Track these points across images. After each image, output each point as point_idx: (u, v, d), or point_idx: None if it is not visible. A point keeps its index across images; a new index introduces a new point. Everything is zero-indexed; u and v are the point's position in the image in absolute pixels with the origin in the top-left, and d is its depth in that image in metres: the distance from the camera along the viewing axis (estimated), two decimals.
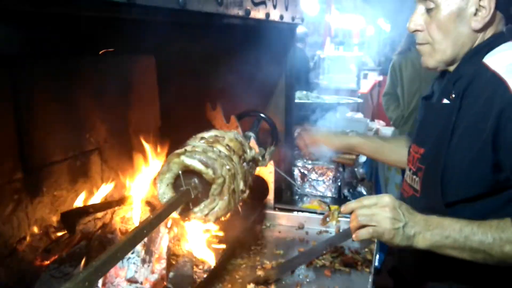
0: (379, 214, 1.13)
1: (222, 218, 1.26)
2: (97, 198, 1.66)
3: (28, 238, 1.45)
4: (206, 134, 1.31)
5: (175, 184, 1.21)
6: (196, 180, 1.21)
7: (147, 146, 1.76)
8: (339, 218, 1.32)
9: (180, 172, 1.16)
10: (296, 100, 2.84)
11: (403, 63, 3.49)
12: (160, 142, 1.85)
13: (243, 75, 1.88)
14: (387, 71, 3.74)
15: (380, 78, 7.27)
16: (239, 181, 1.28)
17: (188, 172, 1.18)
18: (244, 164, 1.35)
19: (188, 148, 1.19)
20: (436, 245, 1.11)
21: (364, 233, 1.15)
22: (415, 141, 1.40)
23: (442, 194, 1.20)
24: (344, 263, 1.57)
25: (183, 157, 1.16)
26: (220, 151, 1.23)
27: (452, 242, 1.10)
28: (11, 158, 1.37)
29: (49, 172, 1.55)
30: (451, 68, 1.30)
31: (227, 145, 1.29)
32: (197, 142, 1.24)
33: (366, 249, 1.69)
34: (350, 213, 1.19)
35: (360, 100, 3.55)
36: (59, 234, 1.50)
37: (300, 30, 3.41)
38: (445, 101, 1.28)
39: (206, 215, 1.22)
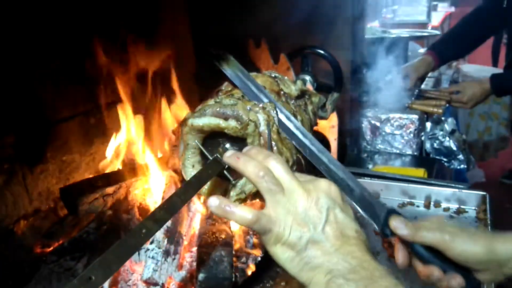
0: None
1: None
2: (115, 164, 1.33)
3: (28, 217, 1.16)
4: (222, 86, 0.92)
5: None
6: (227, 144, 0.83)
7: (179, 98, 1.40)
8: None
9: (196, 142, 0.78)
10: None
11: None
12: (197, 91, 1.47)
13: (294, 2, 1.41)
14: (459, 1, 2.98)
15: (452, 9, 6.36)
16: None
17: (214, 137, 0.81)
18: (291, 101, 0.96)
19: (198, 107, 0.80)
20: None
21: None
22: None
23: None
24: None
25: (190, 121, 0.78)
26: (242, 95, 0.85)
27: None
28: None
29: (53, 133, 1.23)
30: None
31: None
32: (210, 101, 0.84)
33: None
34: None
35: (437, 32, 2.91)
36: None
37: None
38: None
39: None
